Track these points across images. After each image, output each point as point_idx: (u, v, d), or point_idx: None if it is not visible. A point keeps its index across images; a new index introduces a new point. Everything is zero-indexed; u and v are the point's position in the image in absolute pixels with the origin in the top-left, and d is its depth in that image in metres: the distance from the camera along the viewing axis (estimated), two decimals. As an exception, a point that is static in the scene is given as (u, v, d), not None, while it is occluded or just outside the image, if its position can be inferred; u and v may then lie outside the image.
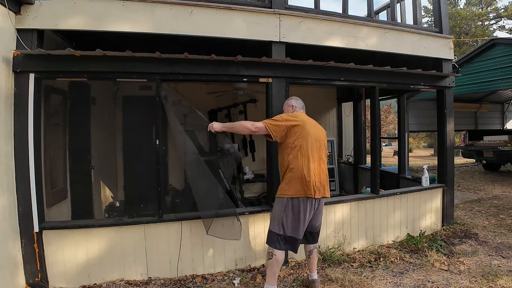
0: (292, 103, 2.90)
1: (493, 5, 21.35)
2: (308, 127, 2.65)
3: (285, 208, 2.56)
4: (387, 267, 3.23)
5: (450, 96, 4.32)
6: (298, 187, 2.54)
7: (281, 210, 2.57)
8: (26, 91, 2.76)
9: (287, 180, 2.60)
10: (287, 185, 2.59)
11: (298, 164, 2.56)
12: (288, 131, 2.60)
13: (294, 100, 2.92)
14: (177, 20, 3.07)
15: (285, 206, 2.56)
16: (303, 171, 2.55)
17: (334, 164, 6.55)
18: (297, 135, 2.59)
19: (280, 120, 2.63)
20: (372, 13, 4.06)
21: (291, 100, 2.94)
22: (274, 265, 2.59)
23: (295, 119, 2.66)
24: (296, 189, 2.55)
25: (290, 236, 2.56)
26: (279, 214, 2.58)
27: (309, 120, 2.77)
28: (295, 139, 2.59)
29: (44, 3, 2.80)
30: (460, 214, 4.98)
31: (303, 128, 2.62)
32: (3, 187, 2.58)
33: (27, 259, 2.76)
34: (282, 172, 2.70)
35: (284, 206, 2.57)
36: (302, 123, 2.64)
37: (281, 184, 2.68)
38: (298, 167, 2.56)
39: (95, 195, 4.47)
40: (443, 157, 4.32)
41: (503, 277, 2.90)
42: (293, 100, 2.93)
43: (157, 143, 2.98)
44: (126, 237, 2.98)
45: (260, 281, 2.94)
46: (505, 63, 7.25)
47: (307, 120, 2.74)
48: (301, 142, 2.58)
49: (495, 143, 8.64)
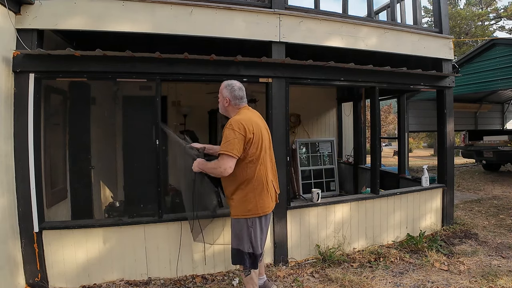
0: (226, 96, 2.36)
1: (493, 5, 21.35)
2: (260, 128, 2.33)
3: (252, 225, 2.31)
4: (387, 267, 3.23)
5: (450, 96, 4.32)
6: (263, 203, 2.31)
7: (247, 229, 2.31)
8: (26, 91, 2.76)
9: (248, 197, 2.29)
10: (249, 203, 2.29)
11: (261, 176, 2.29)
12: (247, 144, 2.24)
13: (229, 90, 2.36)
14: (177, 20, 3.07)
15: (252, 224, 2.31)
16: (266, 184, 2.32)
17: (334, 164, 6.55)
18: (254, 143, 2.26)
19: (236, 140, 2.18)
20: (372, 13, 4.07)
21: (223, 90, 2.39)
22: (254, 277, 2.41)
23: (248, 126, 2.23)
24: (261, 205, 2.30)
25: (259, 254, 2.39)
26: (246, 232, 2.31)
27: (255, 115, 2.43)
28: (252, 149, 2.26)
29: (44, 3, 2.80)
30: (460, 214, 4.98)
31: (257, 132, 2.28)
32: (3, 187, 2.58)
33: (27, 259, 2.76)
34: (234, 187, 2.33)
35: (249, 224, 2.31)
36: (256, 127, 2.28)
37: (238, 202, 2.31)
38: (262, 180, 2.29)
39: (95, 195, 4.47)
40: (443, 157, 4.32)
41: (503, 277, 2.90)
42: (226, 90, 2.37)
43: (157, 143, 2.98)
44: (126, 237, 2.98)
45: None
46: (505, 63, 7.26)
47: (254, 117, 2.38)
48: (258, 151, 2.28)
49: (495, 143, 8.64)
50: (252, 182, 2.29)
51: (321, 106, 6.91)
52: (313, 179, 6.28)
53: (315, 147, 6.53)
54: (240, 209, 2.32)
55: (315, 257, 3.46)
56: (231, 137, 2.18)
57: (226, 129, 2.24)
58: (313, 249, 3.50)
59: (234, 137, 2.18)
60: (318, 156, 6.49)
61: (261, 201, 2.32)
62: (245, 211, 2.30)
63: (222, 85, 2.43)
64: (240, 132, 2.20)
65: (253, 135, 2.24)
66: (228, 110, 2.44)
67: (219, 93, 2.44)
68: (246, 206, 2.30)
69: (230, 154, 2.17)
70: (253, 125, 2.28)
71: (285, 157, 3.36)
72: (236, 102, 2.39)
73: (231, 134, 2.19)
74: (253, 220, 2.31)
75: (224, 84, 2.43)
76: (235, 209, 2.35)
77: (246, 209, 2.30)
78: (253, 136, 2.24)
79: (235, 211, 2.35)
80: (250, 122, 2.27)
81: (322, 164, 6.47)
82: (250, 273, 2.39)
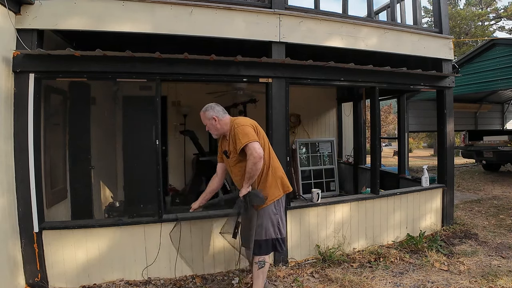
0: (212, 115, 2.52)
1: (493, 5, 21.35)
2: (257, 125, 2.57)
3: (277, 213, 2.50)
4: (387, 267, 3.23)
5: (450, 96, 4.32)
6: (280, 185, 2.54)
7: (274, 213, 2.50)
8: (26, 91, 2.76)
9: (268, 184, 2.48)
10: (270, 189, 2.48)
11: (270, 164, 2.51)
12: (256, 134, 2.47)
13: (210, 110, 2.54)
14: (177, 20, 3.07)
15: (279, 208, 2.52)
16: (281, 170, 2.59)
17: (334, 164, 6.55)
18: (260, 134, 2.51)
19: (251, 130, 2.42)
20: (372, 13, 4.07)
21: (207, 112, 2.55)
22: (266, 271, 2.55)
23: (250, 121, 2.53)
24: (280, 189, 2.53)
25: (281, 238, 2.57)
26: (274, 218, 2.50)
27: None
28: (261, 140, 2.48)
29: (44, 3, 2.80)
30: (460, 214, 4.97)
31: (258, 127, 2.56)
32: (3, 187, 2.57)
33: (27, 259, 2.76)
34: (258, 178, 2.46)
35: (278, 208, 2.51)
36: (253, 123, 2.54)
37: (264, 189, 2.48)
38: (276, 166, 2.55)
39: (95, 195, 4.47)
40: (443, 157, 4.32)
41: (503, 277, 2.90)
42: (208, 112, 2.54)
43: (157, 143, 2.98)
44: (126, 237, 2.98)
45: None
46: (505, 63, 7.25)
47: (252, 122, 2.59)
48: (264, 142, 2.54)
49: (495, 143, 8.63)
50: (266, 168, 2.48)
51: (321, 106, 6.91)
52: (313, 179, 6.28)
53: (315, 147, 6.53)
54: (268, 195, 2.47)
55: (315, 257, 3.46)
56: (246, 131, 2.39)
57: (237, 128, 2.43)
58: (313, 249, 3.50)
59: (247, 130, 2.39)
60: (318, 156, 6.49)
61: (280, 181, 2.52)
62: (270, 196, 2.46)
63: (201, 113, 2.59)
64: (247, 124, 2.45)
65: (257, 128, 2.51)
66: (219, 128, 2.57)
67: (205, 121, 2.58)
68: (270, 191, 2.47)
69: (253, 140, 2.35)
70: (252, 121, 2.56)
71: (285, 157, 3.36)
72: (222, 115, 2.56)
73: (243, 129, 2.40)
74: (277, 203, 2.50)
75: (201, 112, 2.59)
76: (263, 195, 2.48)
77: (270, 195, 2.46)
78: (256, 128, 2.50)
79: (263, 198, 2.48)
80: (248, 120, 2.55)
81: (322, 164, 6.47)
82: (264, 266, 2.49)
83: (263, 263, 2.50)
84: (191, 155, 5.58)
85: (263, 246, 2.49)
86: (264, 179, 2.49)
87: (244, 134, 2.37)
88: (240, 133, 2.39)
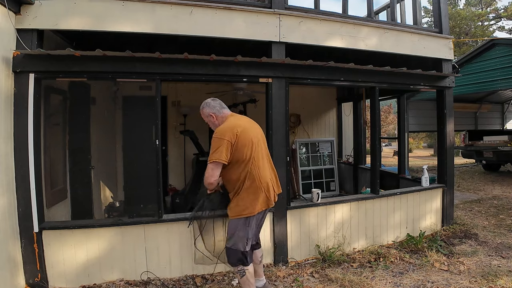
0: (209, 112, 2.47)
1: (492, 5, 21.34)
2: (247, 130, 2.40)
3: (248, 225, 2.38)
4: (387, 267, 3.23)
5: (450, 96, 4.32)
6: (257, 201, 2.36)
7: (244, 228, 2.37)
8: (26, 91, 2.76)
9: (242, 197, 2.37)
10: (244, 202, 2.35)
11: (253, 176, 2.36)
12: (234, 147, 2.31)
13: (207, 107, 2.49)
14: (177, 20, 3.07)
15: (248, 224, 2.38)
16: (261, 184, 2.37)
17: (334, 164, 6.55)
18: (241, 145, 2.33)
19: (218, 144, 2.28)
20: (372, 13, 4.07)
21: (204, 109, 2.50)
22: (250, 278, 2.42)
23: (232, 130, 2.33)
24: (255, 204, 2.35)
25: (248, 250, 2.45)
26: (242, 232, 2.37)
27: (241, 120, 2.51)
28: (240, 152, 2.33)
29: (44, 3, 2.80)
30: (460, 214, 4.97)
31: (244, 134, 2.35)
32: (3, 187, 2.58)
33: (27, 259, 2.76)
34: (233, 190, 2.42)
35: (246, 224, 2.37)
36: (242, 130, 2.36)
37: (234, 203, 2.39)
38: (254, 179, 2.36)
39: (95, 195, 4.46)
40: (443, 157, 4.32)
41: (503, 277, 2.90)
42: (206, 109, 2.49)
43: (157, 143, 2.98)
44: (126, 237, 2.98)
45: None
46: (505, 63, 7.25)
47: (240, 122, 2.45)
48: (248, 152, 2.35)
49: (495, 143, 8.63)
50: (245, 182, 2.36)
51: (321, 106, 6.92)
52: (313, 179, 6.28)
53: (315, 147, 6.53)
54: (237, 210, 2.38)
55: (315, 257, 3.46)
56: (217, 145, 2.28)
57: (213, 139, 2.34)
58: (313, 249, 3.50)
59: (220, 145, 2.28)
60: (318, 156, 6.50)
61: (256, 201, 2.37)
62: (240, 211, 2.36)
63: (201, 113, 2.53)
64: (225, 138, 2.29)
65: (236, 138, 2.31)
66: (218, 124, 2.49)
67: (204, 118, 2.54)
68: (242, 205, 2.36)
69: (217, 161, 2.27)
70: (238, 129, 2.35)
71: (285, 157, 3.36)
72: (220, 111, 2.49)
73: (217, 142, 2.29)
74: (250, 219, 2.37)
75: (200, 108, 2.54)
76: (233, 210, 2.40)
77: (241, 209, 2.36)
78: (237, 139, 2.31)
79: (233, 212, 2.40)
80: (234, 127, 2.35)
81: (322, 164, 6.47)
82: (245, 274, 2.40)
83: (242, 272, 2.40)
84: (191, 155, 5.58)
85: (231, 256, 2.42)
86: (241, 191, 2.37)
87: (214, 150, 2.29)
88: (212, 147, 2.32)
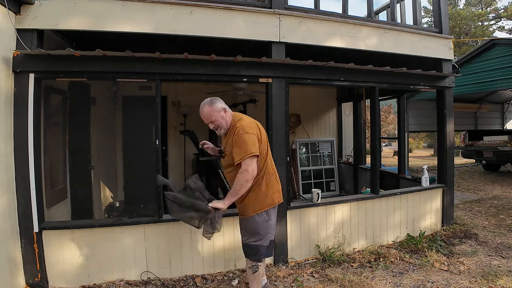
0: (222, 107, 2.39)
1: (492, 5, 21.34)
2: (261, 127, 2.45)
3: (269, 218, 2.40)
4: (387, 267, 3.23)
5: (450, 96, 4.32)
6: (274, 194, 2.42)
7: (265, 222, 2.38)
8: (26, 91, 2.76)
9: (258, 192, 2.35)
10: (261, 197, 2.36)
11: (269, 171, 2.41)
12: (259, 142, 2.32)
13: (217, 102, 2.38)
14: (177, 20, 3.07)
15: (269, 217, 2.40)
16: (276, 178, 2.46)
17: (334, 164, 6.55)
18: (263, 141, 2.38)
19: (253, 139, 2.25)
20: (372, 13, 4.07)
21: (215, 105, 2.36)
22: (261, 274, 2.49)
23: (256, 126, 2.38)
24: (274, 196, 2.41)
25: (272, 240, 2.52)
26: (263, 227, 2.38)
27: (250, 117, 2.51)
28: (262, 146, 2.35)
29: (44, 3, 2.80)
30: (460, 214, 4.97)
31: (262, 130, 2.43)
32: (3, 187, 2.58)
33: (27, 259, 2.76)
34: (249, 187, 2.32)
35: (268, 217, 2.39)
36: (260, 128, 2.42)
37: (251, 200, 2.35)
38: (271, 173, 2.42)
39: (95, 195, 4.47)
40: (443, 157, 4.32)
41: (503, 277, 2.90)
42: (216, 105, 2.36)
43: (157, 143, 2.98)
44: (126, 237, 2.98)
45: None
46: (505, 63, 7.25)
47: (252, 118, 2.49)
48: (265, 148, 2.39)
49: (495, 143, 8.63)
50: (265, 176, 2.39)
51: (321, 106, 6.91)
52: (313, 179, 6.28)
53: (315, 147, 6.53)
54: (258, 205, 2.36)
55: (315, 257, 3.46)
56: (248, 140, 2.24)
57: (240, 135, 2.25)
58: (313, 249, 3.50)
59: (250, 139, 2.24)
60: (318, 156, 6.50)
61: (275, 192, 2.44)
62: (262, 205, 2.36)
63: (205, 108, 2.34)
64: (253, 132, 2.30)
65: (260, 133, 2.38)
66: (229, 121, 2.41)
67: (212, 116, 2.34)
68: (263, 200, 2.37)
69: (254, 154, 2.21)
70: (257, 124, 2.42)
71: (285, 157, 3.36)
72: (228, 108, 2.46)
73: (247, 137, 2.24)
74: (269, 212, 2.40)
75: (206, 106, 2.35)
76: (252, 207, 2.35)
77: (263, 204, 2.36)
78: (260, 134, 2.37)
79: (252, 209, 2.35)
80: (254, 123, 2.41)
81: (322, 164, 6.47)
82: (258, 270, 2.43)
83: (255, 267, 2.42)
84: (191, 155, 5.58)
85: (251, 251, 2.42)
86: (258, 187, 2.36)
87: (246, 146, 2.21)
88: (242, 143, 2.23)
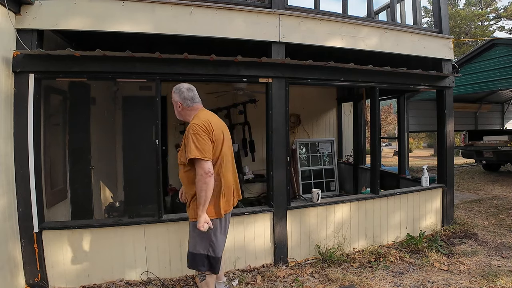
0: (177, 100, 2.31)
1: (492, 5, 21.35)
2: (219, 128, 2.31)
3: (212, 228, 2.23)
4: (387, 267, 3.23)
5: (450, 96, 4.32)
6: (224, 202, 2.29)
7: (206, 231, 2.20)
8: (26, 91, 2.76)
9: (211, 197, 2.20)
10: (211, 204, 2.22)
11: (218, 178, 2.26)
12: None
13: (177, 94, 2.31)
14: (177, 20, 3.07)
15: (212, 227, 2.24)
16: (228, 183, 2.31)
17: (334, 164, 6.55)
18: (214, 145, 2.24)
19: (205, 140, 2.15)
20: (372, 13, 4.06)
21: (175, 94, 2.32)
22: (210, 283, 2.34)
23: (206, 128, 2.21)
24: (222, 205, 2.28)
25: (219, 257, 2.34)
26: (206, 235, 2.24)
27: (212, 116, 2.39)
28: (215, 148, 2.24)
29: (44, 3, 2.80)
30: (460, 214, 4.97)
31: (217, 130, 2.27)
32: (3, 187, 2.58)
33: (27, 259, 2.76)
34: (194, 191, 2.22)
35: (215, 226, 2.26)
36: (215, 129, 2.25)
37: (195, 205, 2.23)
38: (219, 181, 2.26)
39: (95, 195, 4.47)
40: (443, 157, 4.32)
41: (503, 277, 2.90)
42: (175, 95, 2.31)
43: (157, 143, 2.98)
44: (126, 237, 2.98)
45: (260, 281, 2.94)
46: (505, 63, 7.26)
47: (212, 118, 2.33)
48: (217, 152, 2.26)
49: (495, 143, 8.63)
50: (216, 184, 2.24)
51: (321, 106, 6.91)
52: (313, 179, 6.28)
53: (315, 147, 6.53)
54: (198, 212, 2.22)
55: (315, 257, 3.46)
56: (198, 142, 2.13)
57: (190, 135, 2.16)
58: (313, 249, 3.50)
59: (200, 141, 2.14)
60: (318, 156, 6.50)
61: (220, 202, 2.28)
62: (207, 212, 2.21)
63: (174, 94, 2.35)
64: (205, 133, 2.18)
65: (213, 136, 2.23)
66: (182, 114, 2.38)
67: (173, 102, 2.36)
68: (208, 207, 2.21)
69: (204, 159, 2.11)
70: (212, 125, 2.26)
71: (285, 157, 3.36)
72: (187, 104, 2.34)
73: (196, 138, 2.14)
74: (213, 222, 2.25)
75: (173, 89, 2.36)
76: (194, 211, 2.26)
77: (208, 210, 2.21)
78: (213, 136, 2.23)
79: (194, 213, 2.26)
80: (208, 123, 2.24)
81: (322, 164, 6.47)
82: (205, 278, 2.32)
83: (203, 276, 2.32)
84: (191, 155, 5.57)
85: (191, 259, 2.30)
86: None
87: (196, 147, 2.11)
88: (191, 143, 2.13)
